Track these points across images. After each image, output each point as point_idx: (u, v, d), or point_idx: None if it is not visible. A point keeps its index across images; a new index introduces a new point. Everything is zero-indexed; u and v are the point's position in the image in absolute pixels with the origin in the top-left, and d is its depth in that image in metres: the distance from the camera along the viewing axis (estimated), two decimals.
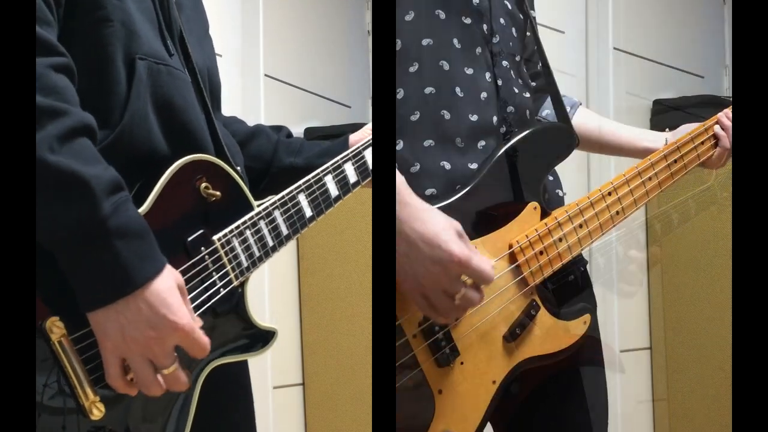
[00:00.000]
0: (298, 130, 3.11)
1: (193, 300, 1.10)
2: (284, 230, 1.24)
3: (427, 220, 1.13)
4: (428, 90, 1.27)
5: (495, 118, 1.32)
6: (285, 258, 3.01)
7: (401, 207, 1.13)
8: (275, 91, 2.98)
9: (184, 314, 1.01)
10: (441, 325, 1.20)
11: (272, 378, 2.89)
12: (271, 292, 2.87)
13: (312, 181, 1.29)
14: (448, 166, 1.27)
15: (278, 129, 1.53)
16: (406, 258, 1.13)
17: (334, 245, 2.97)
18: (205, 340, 1.05)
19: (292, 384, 3.03)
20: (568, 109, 1.57)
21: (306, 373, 3.05)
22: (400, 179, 1.15)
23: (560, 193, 1.42)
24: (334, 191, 1.32)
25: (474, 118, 1.29)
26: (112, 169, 1.00)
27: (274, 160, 1.45)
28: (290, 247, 3.07)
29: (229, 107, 1.59)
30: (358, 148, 1.38)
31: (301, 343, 3.05)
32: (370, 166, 1.39)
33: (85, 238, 0.96)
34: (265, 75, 2.92)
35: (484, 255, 1.23)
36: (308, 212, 1.28)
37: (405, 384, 1.18)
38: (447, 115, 1.28)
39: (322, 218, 1.32)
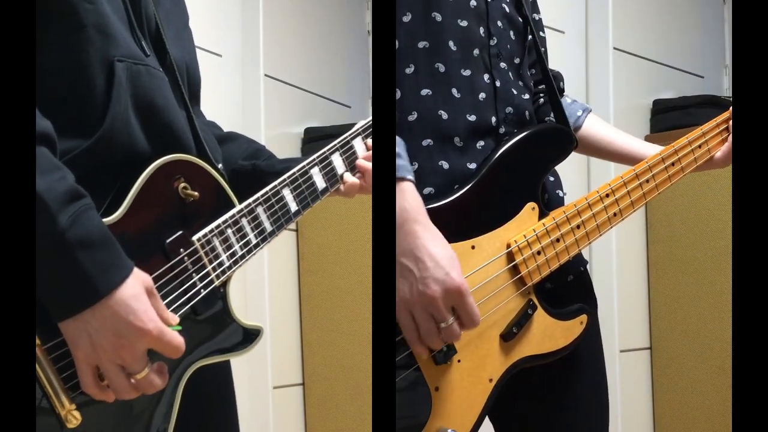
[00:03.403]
0: (298, 130, 3.12)
1: (172, 302, 1.09)
2: (268, 226, 1.22)
3: (441, 244, 1.15)
4: (425, 92, 1.27)
5: (494, 119, 1.32)
6: (285, 258, 3.02)
7: (420, 225, 1.15)
8: (275, 91, 2.98)
9: (150, 319, 1.01)
10: None
11: (272, 378, 2.89)
12: (271, 292, 2.87)
13: (297, 174, 1.27)
14: (446, 165, 1.28)
15: (251, 140, 1.48)
16: (410, 273, 1.14)
17: (334, 245, 2.97)
18: (178, 340, 1.04)
19: (292, 384, 3.03)
20: (579, 112, 1.58)
21: (306, 373, 3.05)
22: (417, 197, 1.17)
23: (560, 194, 1.42)
24: (321, 184, 1.30)
25: (472, 118, 1.30)
26: (68, 179, 0.98)
27: (236, 163, 1.41)
28: (290, 247, 3.08)
29: (229, 107, 1.58)
30: (348, 137, 1.36)
31: (301, 343, 3.05)
32: (360, 157, 1.37)
33: (47, 252, 0.95)
34: (265, 75, 2.93)
35: (482, 253, 1.24)
36: (293, 207, 1.26)
37: (402, 381, 1.18)
38: (445, 115, 1.28)
39: (322, 219, 1.31)
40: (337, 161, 1.34)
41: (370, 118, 1.40)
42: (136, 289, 1.00)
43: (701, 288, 3.01)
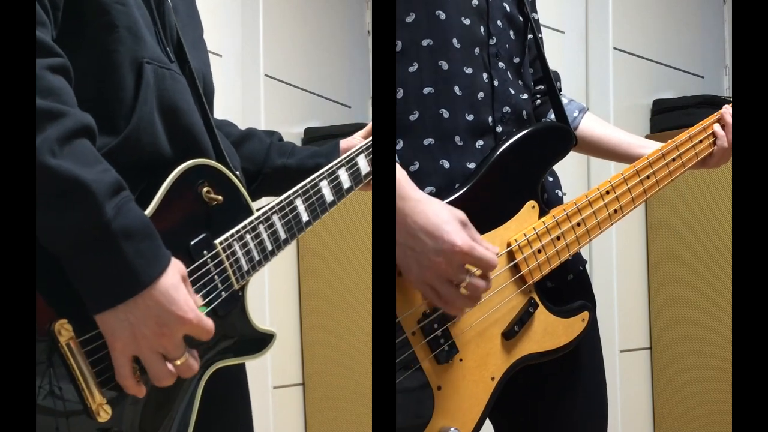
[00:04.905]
0: (298, 130, 3.12)
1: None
2: (282, 234, 1.25)
3: (429, 212, 1.15)
4: (427, 90, 1.28)
5: (490, 119, 1.33)
6: (285, 258, 3.02)
7: (403, 201, 1.15)
8: (275, 91, 2.98)
9: (191, 307, 1.03)
10: (440, 322, 1.21)
11: (272, 378, 2.89)
12: (271, 292, 2.87)
13: (308, 186, 1.30)
14: (447, 164, 1.28)
15: (270, 133, 1.54)
16: (411, 251, 1.14)
17: (334, 245, 2.97)
18: (210, 324, 1.06)
19: (292, 384, 3.03)
20: (576, 113, 1.58)
21: (306, 373, 3.05)
22: (401, 174, 1.17)
23: (560, 193, 1.43)
24: (329, 197, 1.34)
25: (470, 117, 1.30)
26: (112, 170, 1.00)
27: (267, 162, 1.47)
28: (290, 247, 3.07)
29: (229, 107, 1.59)
30: (352, 154, 1.40)
31: (301, 343, 3.05)
32: (363, 172, 1.41)
33: (90, 241, 0.97)
34: (265, 75, 2.93)
35: None
36: (305, 217, 1.30)
37: (404, 381, 1.18)
38: (446, 114, 1.28)
39: (322, 219, 1.33)
40: (343, 176, 1.37)
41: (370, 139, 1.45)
42: (175, 278, 1.03)
43: (701, 288, 3.01)
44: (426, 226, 1.14)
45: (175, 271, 1.03)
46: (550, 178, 1.43)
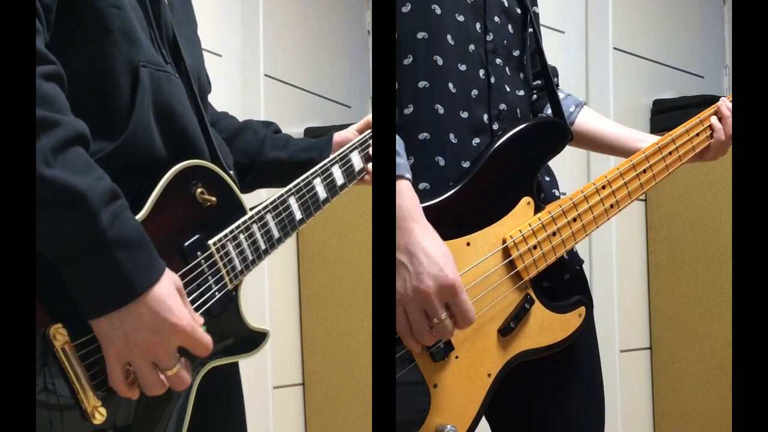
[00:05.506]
0: (298, 130, 3.12)
1: (190, 304, 1.11)
2: (276, 233, 1.26)
3: (438, 243, 1.16)
4: (422, 84, 1.28)
5: (486, 116, 1.32)
6: (285, 258, 3.02)
7: (412, 223, 1.15)
8: (275, 91, 2.98)
9: (185, 316, 1.03)
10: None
11: (272, 378, 2.89)
12: (271, 292, 2.87)
13: (302, 184, 1.31)
14: (442, 162, 1.28)
15: (267, 124, 1.55)
16: (404, 268, 1.14)
17: (334, 245, 2.97)
18: (207, 338, 1.06)
19: (292, 384, 3.03)
20: (572, 108, 1.58)
21: (306, 373, 3.05)
22: (415, 196, 1.17)
23: (557, 193, 1.42)
24: (322, 194, 1.34)
25: (465, 115, 1.30)
26: (107, 178, 1.00)
27: (260, 155, 1.48)
28: (290, 247, 3.08)
29: (229, 107, 1.59)
30: (345, 150, 1.41)
31: (301, 343, 3.05)
32: (356, 169, 1.42)
33: (86, 249, 0.97)
34: (265, 75, 2.93)
35: (478, 250, 1.25)
36: (298, 215, 1.30)
37: (400, 379, 1.18)
38: (441, 110, 1.28)
39: (322, 219, 1.33)
40: (337, 173, 1.38)
41: (368, 132, 1.46)
42: (169, 287, 1.03)
43: (701, 288, 3.01)
44: (430, 250, 1.14)
45: (169, 280, 1.03)
46: (547, 178, 1.42)
